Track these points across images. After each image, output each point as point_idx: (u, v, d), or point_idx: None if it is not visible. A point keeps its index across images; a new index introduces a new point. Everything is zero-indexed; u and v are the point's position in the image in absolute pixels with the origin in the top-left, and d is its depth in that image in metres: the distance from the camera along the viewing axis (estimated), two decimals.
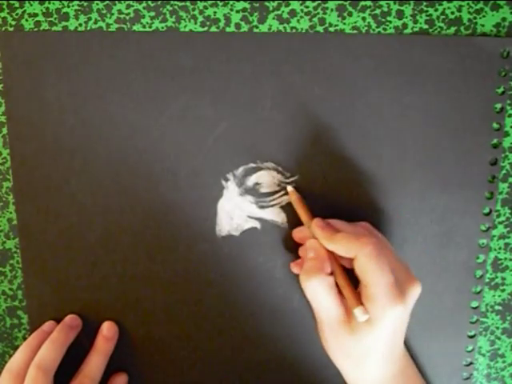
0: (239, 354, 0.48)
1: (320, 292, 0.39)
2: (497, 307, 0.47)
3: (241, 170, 0.45)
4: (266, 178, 0.45)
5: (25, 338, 0.50)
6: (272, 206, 0.45)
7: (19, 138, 0.46)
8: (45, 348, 0.44)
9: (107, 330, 0.48)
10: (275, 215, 0.45)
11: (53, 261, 0.48)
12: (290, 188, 0.44)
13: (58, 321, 0.48)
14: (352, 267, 0.39)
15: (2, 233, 0.48)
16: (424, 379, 0.44)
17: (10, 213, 0.48)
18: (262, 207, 0.45)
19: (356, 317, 0.37)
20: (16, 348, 0.47)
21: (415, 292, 0.39)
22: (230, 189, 0.45)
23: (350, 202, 0.45)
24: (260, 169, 0.45)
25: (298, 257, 0.45)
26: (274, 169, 0.45)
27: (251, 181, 0.45)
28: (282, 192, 0.45)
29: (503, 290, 0.47)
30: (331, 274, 0.40)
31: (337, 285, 0.40)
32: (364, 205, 0.45)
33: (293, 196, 0.44)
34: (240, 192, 0.45)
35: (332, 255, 0.40)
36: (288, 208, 0.45)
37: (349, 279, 0.39)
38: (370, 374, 0.40)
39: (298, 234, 0.44)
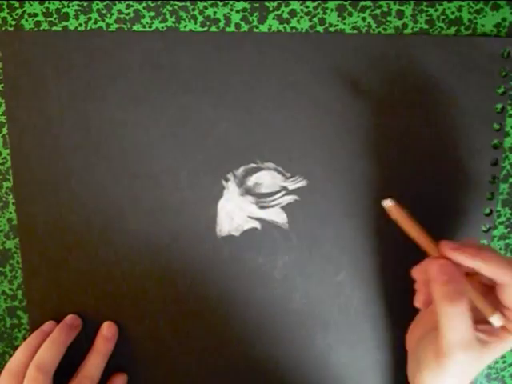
0: (239, 354, 0.48)
1: (464, 315, 0.35)
2: None
3: (241, 170, 0.45)
4: (266, 178, 0.45)
5: (25, 338, 0.50)
6: (272, 206, 0.45)
7: (19, 138, 0.46)
8: (44, 348, 0.44)
9: (107, 330, 0.48)
10: (275, 215, 0.45)
11: (53, 261, 0.48)
12: (388, 203, 0.38)
13: (58, 321, 0.48)
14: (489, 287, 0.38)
15: (1, 233, 0.48)
16: None
17: (10, 213, 0.48)
18: (262, 207, 0.45)
19: (492, 323, 0.36)
20: (16, 348, 0.47)
21: None
22: (231, 189, 0.45)
23: (349, 203, 0.45)
24: (260, 169, 0.45)
25: (298, 257, 0.45)
26: (274, 169, 0.45)
27: (251, 181, 0.45)
28: (283, 192, 0.45)
29: None
30: None
31: None
32: (364, 205, 0.45)
33: (395, 212, 0.38)
34: (240, 192, 0.45)
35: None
36: (288, 208, 0.45)
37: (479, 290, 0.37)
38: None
39: (418, 272, 0.41)
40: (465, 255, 0.36)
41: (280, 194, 0.45)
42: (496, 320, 0.35)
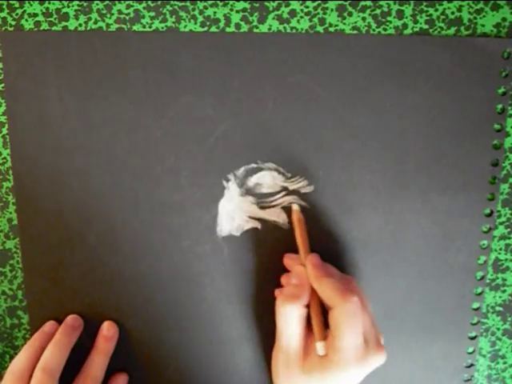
0: (239, 354, 0.48)
1: (291, 319, 0.40)
2: (497, 308, 0.47)
3: (242, 170, 0.45)
4: (266, 179, 0.45)
5: (25, 338, 0.50)
6: (273, 206, 0.45)
7: (19, 138, 0.46)
8: (49, 351, 0.44)
9: (107, 329, 0.48)
10: (276, 216, 0.45)
11: (53, 261, 0.48)
12: (295, 207, 0.44)
13: (59, 321, 0.48)
14: (327, 310, 0.40)
15: (1, 233, 0.48)
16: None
17: (10, 213, 0.48)
18: (262, 207, 0.45)
19: (316, 349, 0.39)
20: (16, 348, 0.47)
21: (378, 361, 0.39)
22: (231, 189, 0.45)
23: (350, 203, 0.45)
24: (261, 169, 0.45)
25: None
26: (274, 169, 0.45)
27: (252, 181, 0.45)
28: (283, 193, 0.45)
29: (504, 291, 0.47)
30: (307, 305, 0.41)
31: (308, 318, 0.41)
32: (364, 206, 0.45)
33: (295, 216, 0.44)
34: (241, 192, 0.45)
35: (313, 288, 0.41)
36: (289, 209, 0.45)
37: (321, 315, 0.40)
38: None
39: (288, 260, 0.45)
40: (313, 273, 0.41)
41: (280, 195, 0.45)
42: (320, 348, 0.39)
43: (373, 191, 0.45)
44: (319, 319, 0.40)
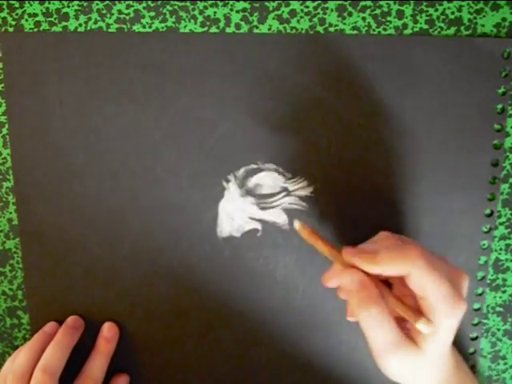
0: (240, 354, 0.48)
1: (381, 320, 0.35)
2: (498, 309, 0.47)
3: (242, 171, 0.45)
4: (267, 180, 0.45)
5: (25, 338, 0.51)
6: (273, 207, 0.45)
7: (20, 138, 0.46)
8: (49, 351, 0.44)
9: (107, 330, 0.48)
10: (276, 216, 0.45)
11: (53, 261, 0.48)
12: (297, 224, 0.39)
13: (59, 321, 0.48)
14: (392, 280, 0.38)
15: (1, 233, 0.48)
16: None
17: (10, 213, 0.48)
18: (263, 208, 0.45)
19: (420, 330, 0.35)
20: (16, 348, 0.47)
21: (466, 282, 0.36)
22: (231, 190, 0.45)
23: (350, 204, 0.45)
24: (261, 170, 0.45)
25: (299, 258, 0.45)
26: (275, 170, 0.45)
27: (252, 182, 0.45)
28: (284, 193, 0.45)
29: (504, 292, 0.47)
30: None
31: None
32: (365, 206, 0.45)
33: (303, 232, 0.39)
34: (241, 193, 0.45)
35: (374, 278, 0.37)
36: (289, 209, 0.45)
37: (399, 296, 0.37)
38: (436, 378, 0.38)
39: (328, 278, 0.40)
40: (360, 260, 0.36)
41: (281, 195, 0.45)
42: (423, 327, 0.35)
43: (373, 191, 0.45)
44: (404, 304, 0.36)
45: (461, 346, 0.47)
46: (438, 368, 0.37)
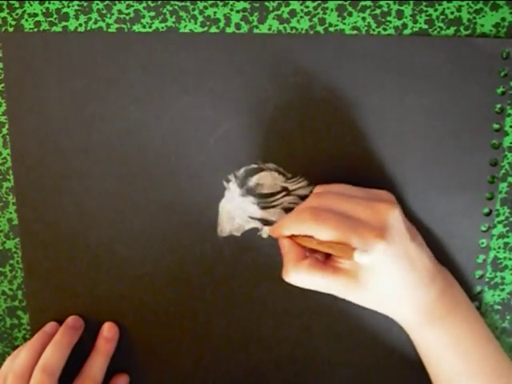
0: (240, 354, 0.48)
1: (308, 276, 0.39)
2: (496, 307, 0.47)
3: (242, 170, 0.45)
4: (267, 179, 0.45)
5: (25, 338, 0.50)
6: (273, 206, 0.45)
7: (19, 138, 0.46)
8: (49, 351, 0.44)
9: (107, 331, 0.48)
10: (277, 216, 0.45)
11: (53, 261, 0.48)
12: (266, 234, 0.46)
13: (59, 321, 0.48)
14: None
15: (1, 233, 0.48)
16: None
17: (10, 213, 0.48)
18: (263, 208, 0.45)
19: (359, 260, 0.35)
20: (16, 348, 0.47)
21: (392, 218, 0.37)
22: (232, 189, 0.45)
23: None
24: (261, 170, 0.45)
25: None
26: (275, 170, 0.45)
27: (253, 181, 0.45)
28: (284, 193, 0.45)
29: (503, 290, 0.47)
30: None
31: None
32: None
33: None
34: (241, 193, 0.45)
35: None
36: (290, 209, 0.45)
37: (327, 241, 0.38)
38: (404, 308, 0.40)
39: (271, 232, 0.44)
40: (275, 233, 0.41)
41: (281, 195, 0.45)
42: (358, 255, 0.35)
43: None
44: (334, 244, 0.37)
45: None
46: (405, 295, 0.39)
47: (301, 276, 0.39)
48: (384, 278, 0.38)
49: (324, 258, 0.40)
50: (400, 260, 0.37)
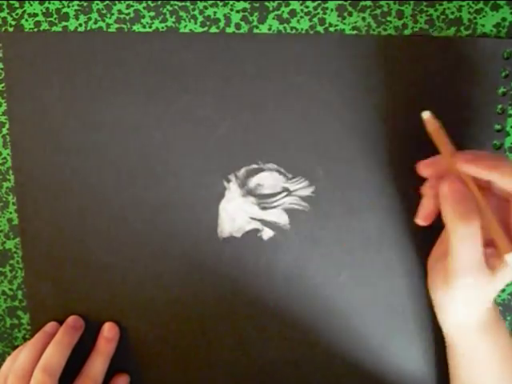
0: (240, 355, 0.48)
1: (475, 237, 0.34)
2: None
3: (243, 171, 0.45)
4: (268, 180, 0.45)
5: (25, 338, 0.50)
6: (274, 207, 0.45)
7: (19, 138, 0.46)
8: (49, 351, 0.44)
9: (108, 331, 0.48)
10: (277, 217, 0.45)
11: (53, 261, 0.48)
12: (426, 115, 0.38)
13: (60, 321, 0.48)
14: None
15: (1, 233, 0.48)
16: None
17: (10, 213, 0.48)
18: (264, 208, 0.45)
19: (507, 261, 0.33)
20: (16, 348, 0.47)
21: None
22: (232, 190, 0.45)
23: (351, 203, 0.45)
24: (262, 170, 0.45)
25: (299, 258, 0.46)
26: (276, 170, 0.45)
27: (253, 182, 0.45)
28: (284, 193, 0.45)
29: (503, 290, 0.47)
30: None
31: None
32: (365, 206, 0.45)
33: (431, 126, 0.38)
34: (242, 193, 0.45)
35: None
36: (290, 210, 0.45)
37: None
38: (474, 309, 0.39)
39: (426, 165, 0.39)
40: (481, 167, 0.34)
41: (282, 195, 0.45)
42: (510, 258, 0.33)
43: (374, 191, 0.45)
44: (501, 230, 0.34)
45: None
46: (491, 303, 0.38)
47: (466, 236, 0.34)
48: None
49: None
50: None
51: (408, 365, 0.47)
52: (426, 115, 0.38)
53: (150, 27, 0.44)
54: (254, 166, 0.45)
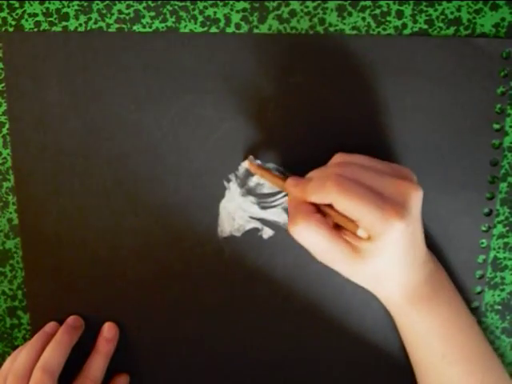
0: (240, 354, 0.48)
1: (316, 233, 0.37)
2: (496, 307, 0.47)
3: (243, 170, 0.45)
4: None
5: (25, 338, 0.50)
6: (274, 206, 0.45)
7: (19, 138, 0.46)
8: (49, 350, 0.44)
9: (108, 331, 0.48)
10: (277, 216, 0.45)
11: (53, 261, 0.48)
12: (246, 163, 0.44)
13: (60, 321, 0.48)
14: None
15: (1, 233, 0.48)
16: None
17: (10, 213, 0.48)
18: (263, 208, 0.45)
19: (360, 236, 0.36)
20: (16, 348, 0.47)
21: (414, 200, 0.36)
22: (232, 189, 0.45)
23: None
24: None
25: (299, 258, 0.46)
26: (275, 170, 0.45)
27: (253, 181, 0.45)
28: (284, 193, 0.45)
29: (502, 290, 0.47)
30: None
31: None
32: None
33: (252, 167, 0.43)
34: (242, 193, 0.45)
35: None
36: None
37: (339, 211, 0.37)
38: (393, 287, 0.40)
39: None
40: (296, 194, 0.39)
41: (281, 195, 0.45)
42: (361, 232, 0.36)
43: None
44: (343, 216, 0.37)
45: None
46: (396, 276, 0.39)
47: (309, 230, 0.37)
48: (387, 256, 0.37)
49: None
50: (407, 241, 0.37)
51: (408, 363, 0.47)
52: (245, 164, 0.44)
53: (150, 27, 0.44)
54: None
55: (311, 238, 0.37)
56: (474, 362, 0.41)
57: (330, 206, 0.37)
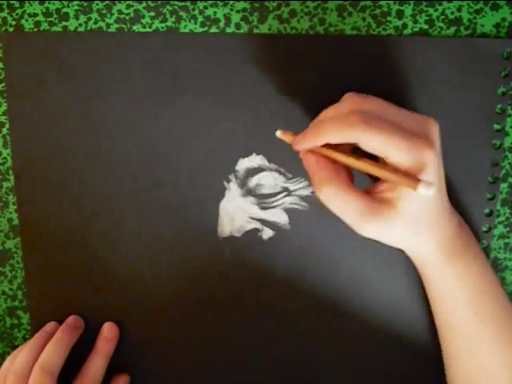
0: (240, 354, 0.48)
1: (340, 195, 0.35)
2: None
3: (243, 171, 0.45)
4: (267, 179, 0.45)
5: (25, 338, 0.50)
6: (274, 207, 0.45)
7: (19, 138, 0.46)
8: (48, 349, 0.44)
9: (108, 331, 0.48)
10: (277, 216, 0.45)
11: (53, 261, 0.48)
12: (279, 133, 0.39)
13: (60, 321, 0.48)
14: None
15: (1, 233, 0.48)
16: None
17: (10, 213, 0.48)
18: (264, 208, 0.45)
19: (426, 193, 0.32)
20: (16, 348, 0.47)
21: (433, 128, 0.35)
22: (232, 190, 0.45)
23: None
24: (262, 170, 0.45)
25: (299, 258, 0.46)
26: (275, 170, 0.45)
27: (253, 182, 0.45)
28: (284, 193, 0.45)
29: None
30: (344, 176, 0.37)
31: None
32: None
33: (286, 136, 0.39)
34: (242, 193, 0.45)
35: (332, 152, 0.36)
36: (290, 209, 0.45)
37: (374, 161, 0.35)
38: (430, 240, 0.38)
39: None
40: (309, 142, 0.36)
41: (281, 195, 0.45)
42: (422, 187, 0.32)
43: None
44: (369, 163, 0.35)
45: None
46: (431, 227, 0.37)
47: (335, 193, 0.35)
48: (422, 203, 0.35)
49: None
50: (438, 181, 0.35)
51: (408, 363, 0.47)
52: (279, 134, 0.39)
53: (150, 27, 0.44)
54: (254, 165, 0.45)
55: (339, 200, 0.35)
56: (504, 320, 0.40)
57: (344, 154, 0.36)
